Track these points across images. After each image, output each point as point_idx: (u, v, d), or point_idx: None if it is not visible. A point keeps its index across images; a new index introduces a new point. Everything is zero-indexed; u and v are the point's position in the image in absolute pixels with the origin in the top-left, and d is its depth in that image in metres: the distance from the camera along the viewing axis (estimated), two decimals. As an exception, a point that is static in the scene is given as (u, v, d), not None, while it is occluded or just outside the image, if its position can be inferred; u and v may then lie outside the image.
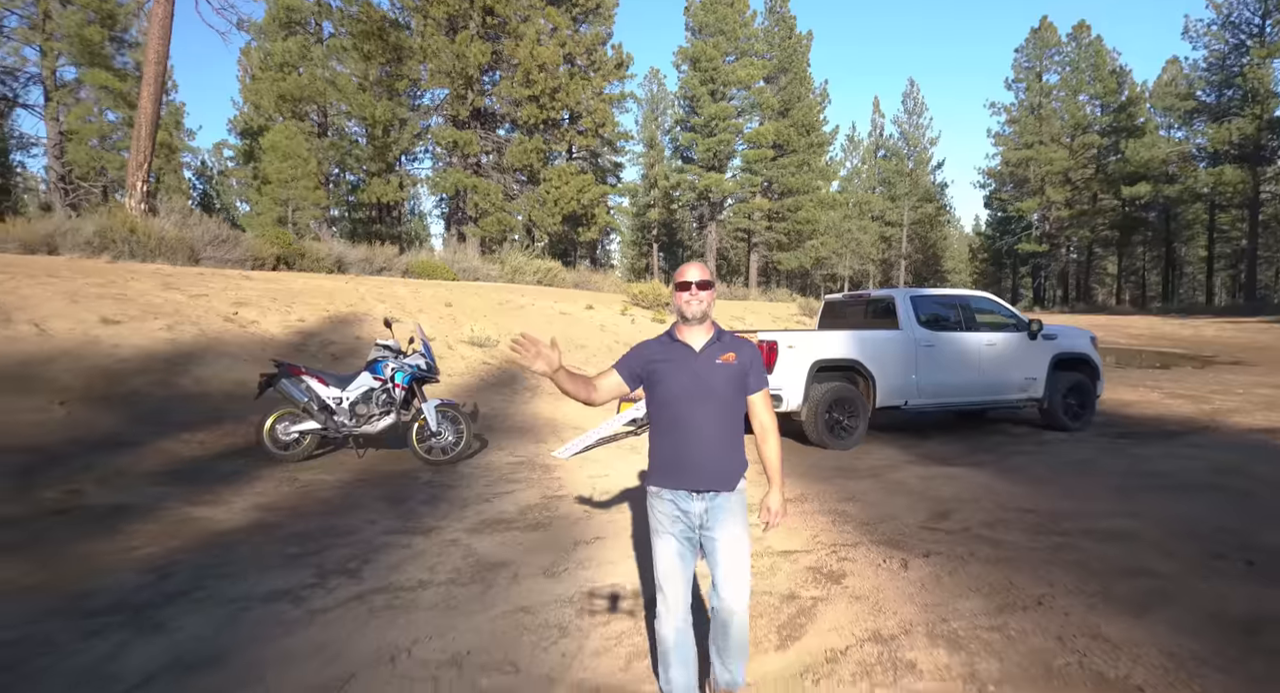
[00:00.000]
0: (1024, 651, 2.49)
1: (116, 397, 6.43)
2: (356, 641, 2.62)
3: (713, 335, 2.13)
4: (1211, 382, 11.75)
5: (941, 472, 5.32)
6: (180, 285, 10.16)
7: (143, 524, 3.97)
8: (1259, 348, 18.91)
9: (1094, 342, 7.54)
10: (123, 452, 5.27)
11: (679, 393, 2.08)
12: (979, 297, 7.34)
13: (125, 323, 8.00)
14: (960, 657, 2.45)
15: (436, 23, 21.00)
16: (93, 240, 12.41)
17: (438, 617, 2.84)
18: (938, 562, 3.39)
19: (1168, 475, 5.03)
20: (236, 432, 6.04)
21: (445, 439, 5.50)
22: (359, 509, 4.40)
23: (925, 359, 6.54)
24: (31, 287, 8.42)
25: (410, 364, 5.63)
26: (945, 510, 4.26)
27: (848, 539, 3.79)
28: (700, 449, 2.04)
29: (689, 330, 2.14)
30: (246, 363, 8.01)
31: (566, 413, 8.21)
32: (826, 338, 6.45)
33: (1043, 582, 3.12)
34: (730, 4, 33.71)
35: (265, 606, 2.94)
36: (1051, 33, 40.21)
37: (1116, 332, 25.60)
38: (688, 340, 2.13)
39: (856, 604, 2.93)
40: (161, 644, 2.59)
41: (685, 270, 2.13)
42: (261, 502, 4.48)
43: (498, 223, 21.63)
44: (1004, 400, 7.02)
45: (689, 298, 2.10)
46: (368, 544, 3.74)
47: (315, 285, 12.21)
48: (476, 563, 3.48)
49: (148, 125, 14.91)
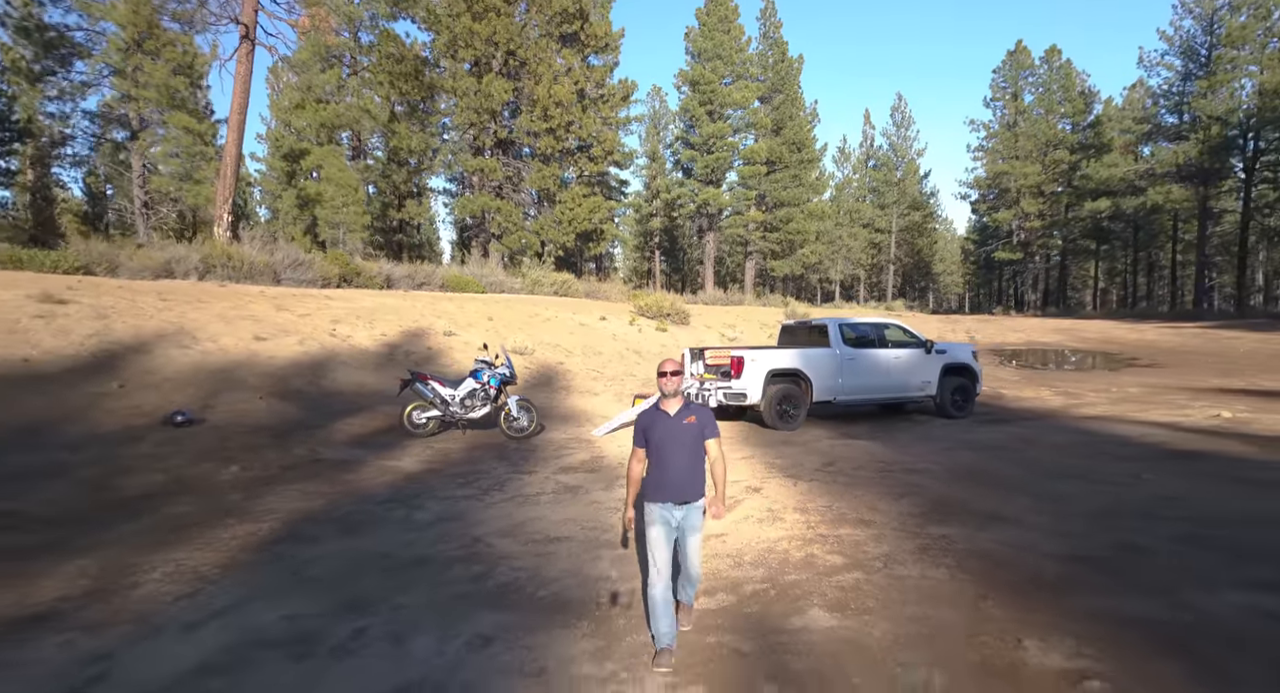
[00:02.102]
0: (836, 513, 5.32)
1: (288, 393, 9.27)
2: (516, 514, 5.45)
3: (682, 405, 3.22)
4: (1106, 382, 14.57)
5: (845, 442, 8.17)
6: (287, 307, 12.99)
7: (364, 468, 6.80)
8: (1182, 351, 21.70)
9: (974, 354, 10.36)
10: (317, 429, 8.10)
11: (661, 442, 3.15)
12: (891, 323, 10.18)
13: (270, 340, 10.84)
14: (806, 518, 5.27)
15: (464, 64, 23.80)
16: (198, 266, 15.24)
17: (553, 507, 5.66)
18: (813, 484, 6.22)
19: (980, 443, 7.88)
20: (377, 417, 8.87)
21: (521, 423, 8.34)
22: (483, 462, 7.23)
23: (848, 368, 9.38)
24: (192, 312, 11.24)
25: (499, 373, 8.46)
26: (833, 461, 7.10)
27: (770, 474, 6.62)
28: (675, 476, 3.12)
29: (667, 402, 3.22)
30: (357, 369, 10.86)
31: (594, 406, 11.03)
32: (778, 354, 9.27)
33: (864, 491, 5.95)
34: (726, 31, 36.44)
35: (465, 501, 5.78)
36: (1026, 56, 43.02)
37: (1072, 335, 28.36)
38: (667, 409, 3.22)
39: (765, 500, 5.75)
40: (428, 511, 5.43)
41: (663, 365, 3.22)
42: (422, 458, 7.32)
43: (518, 240, 24.42)
44: (907, 397, 9.87)
45: (666, 382, 3.19)
46: (499, 478, 6.57)
47: (382, 303, 15.01)
48: (563, 486, 6.30)
49: (231, 166, 17.73)
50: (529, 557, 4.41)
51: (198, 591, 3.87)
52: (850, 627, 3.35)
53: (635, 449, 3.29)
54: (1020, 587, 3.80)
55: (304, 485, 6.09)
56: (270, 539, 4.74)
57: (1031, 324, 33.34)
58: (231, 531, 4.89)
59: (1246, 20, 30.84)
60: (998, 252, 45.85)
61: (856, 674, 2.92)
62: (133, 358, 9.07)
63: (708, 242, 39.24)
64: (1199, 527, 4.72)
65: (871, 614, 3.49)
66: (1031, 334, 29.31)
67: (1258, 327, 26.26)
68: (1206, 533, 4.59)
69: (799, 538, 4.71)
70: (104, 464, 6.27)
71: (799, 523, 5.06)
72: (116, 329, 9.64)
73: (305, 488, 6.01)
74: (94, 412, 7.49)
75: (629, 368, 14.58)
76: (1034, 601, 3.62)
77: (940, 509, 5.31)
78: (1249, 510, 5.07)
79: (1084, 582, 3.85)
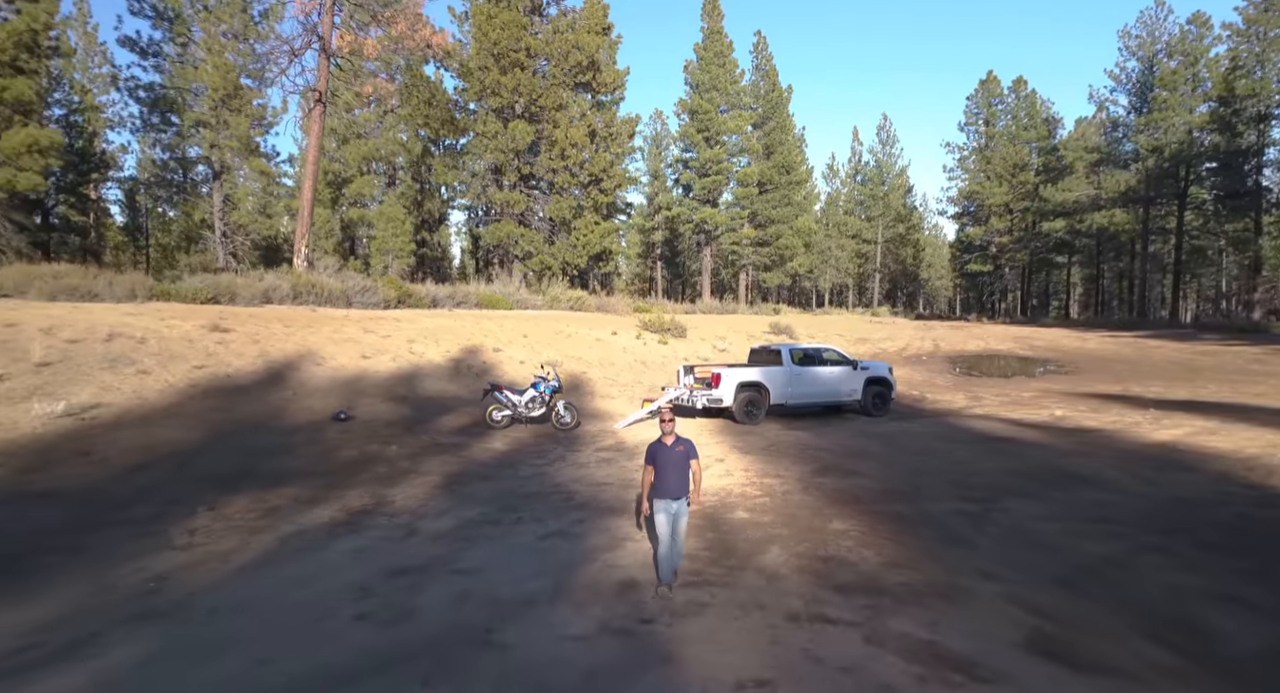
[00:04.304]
0: (763, 471, 9.04)
1: (396, 398, 13.00)
2: (576, 473, 9.18)
3: (675, 439, 5.18)
4: (1016, 387, 18.29)
5: (787, 432, 11.92)
6: (372, 329, 16.71)
7: (471, 449, 10.54)
8: (1106, 359, 25.38)
9: (890, 370, 14.09)
10: (428, 423, 11.83)
11: (663, 464, 5.08)
12: (828, 347, 13.92)
13: (372, 358, 14.58)
14: (747, 475, 8.98)
15: (491, 109, 27.54)
16: (289, 293, 18.99)
17: (597, 469, 9.39)
18: (756, 456, 9.95)
19: (875, 433, 11.61)
20: (463, 416, 12.58)
21: (567, 419, 12.06)
22: (545, 445, 10.97)
23: (795, 380, 13.12)
24: (310, 336, 14.97)
25: (551, 385, 12.20)
26: (774, 443, 10.85)
27: (731, 451, 10.35)
28: (670, 484, 5.04)
29: (666, 438, 5.20)
30: (437, 380, 14.59)
31: (613, 407, 14.75)
32: (746, 370, 13.01)
33: (785, 460, 9.67)
34: (722, 65, 40.15)
35: (544, 466, 9.52)
36: (996, 85, 46.77)
37: (1024, 343, 31.99)
38: (665, 441, 5.18)
39: (725, 465, 9.47)
40: (525, 470, 9.19)
41: (663, 412, 5.39)
42: (506, 442, 11.05)
43: (539, 262, 28.19)
44: (840, 402, 13.63)
45: (664, 425, 5.27)
46: (559, 454, 10.30)
47: (440, 324, 18.74)
48: (601, 459, 10.03)
49: (307, 207, 21.46)
50: (589, 491, 8.15)
51: (425, 505, 7.60)
52: (754, 517, 7.09)
53: (646, 466, 5.23)
54: (846, 503, 7.54)
55: (442, 457, 9.84)
56: (443, 484, 8.49)
57: (995, 332, 37.00)
58: (420, 479, 8.64)
59: (1177, 67, 34.58)
60: (970, 264, 49.72)
61: (751, 530, 6.66)
62: (288, 373, 12.81)
63: (704, 255, 42.98)
64: (958, 476, 8.46)
65: (766, 513, 7.22)
66: (990, 342, 32.97)
67: (1183, 337, 29.99)
68: (957, 478, 8.34)
69: (739, 483, 8.46)
70: (316, 444, 10.02)
71: (741, 477, 8.82)
72: (270, 351, 13.38)
73: (444, 458, 9.76)
74: (286, 411, 11.24)
75: (637, 376, 18.32)
76: (848, 508, 7.35)
77: (825, 470, 9.06)
78: (990, 468, 8.81)
79: (878, 500, 7.59)
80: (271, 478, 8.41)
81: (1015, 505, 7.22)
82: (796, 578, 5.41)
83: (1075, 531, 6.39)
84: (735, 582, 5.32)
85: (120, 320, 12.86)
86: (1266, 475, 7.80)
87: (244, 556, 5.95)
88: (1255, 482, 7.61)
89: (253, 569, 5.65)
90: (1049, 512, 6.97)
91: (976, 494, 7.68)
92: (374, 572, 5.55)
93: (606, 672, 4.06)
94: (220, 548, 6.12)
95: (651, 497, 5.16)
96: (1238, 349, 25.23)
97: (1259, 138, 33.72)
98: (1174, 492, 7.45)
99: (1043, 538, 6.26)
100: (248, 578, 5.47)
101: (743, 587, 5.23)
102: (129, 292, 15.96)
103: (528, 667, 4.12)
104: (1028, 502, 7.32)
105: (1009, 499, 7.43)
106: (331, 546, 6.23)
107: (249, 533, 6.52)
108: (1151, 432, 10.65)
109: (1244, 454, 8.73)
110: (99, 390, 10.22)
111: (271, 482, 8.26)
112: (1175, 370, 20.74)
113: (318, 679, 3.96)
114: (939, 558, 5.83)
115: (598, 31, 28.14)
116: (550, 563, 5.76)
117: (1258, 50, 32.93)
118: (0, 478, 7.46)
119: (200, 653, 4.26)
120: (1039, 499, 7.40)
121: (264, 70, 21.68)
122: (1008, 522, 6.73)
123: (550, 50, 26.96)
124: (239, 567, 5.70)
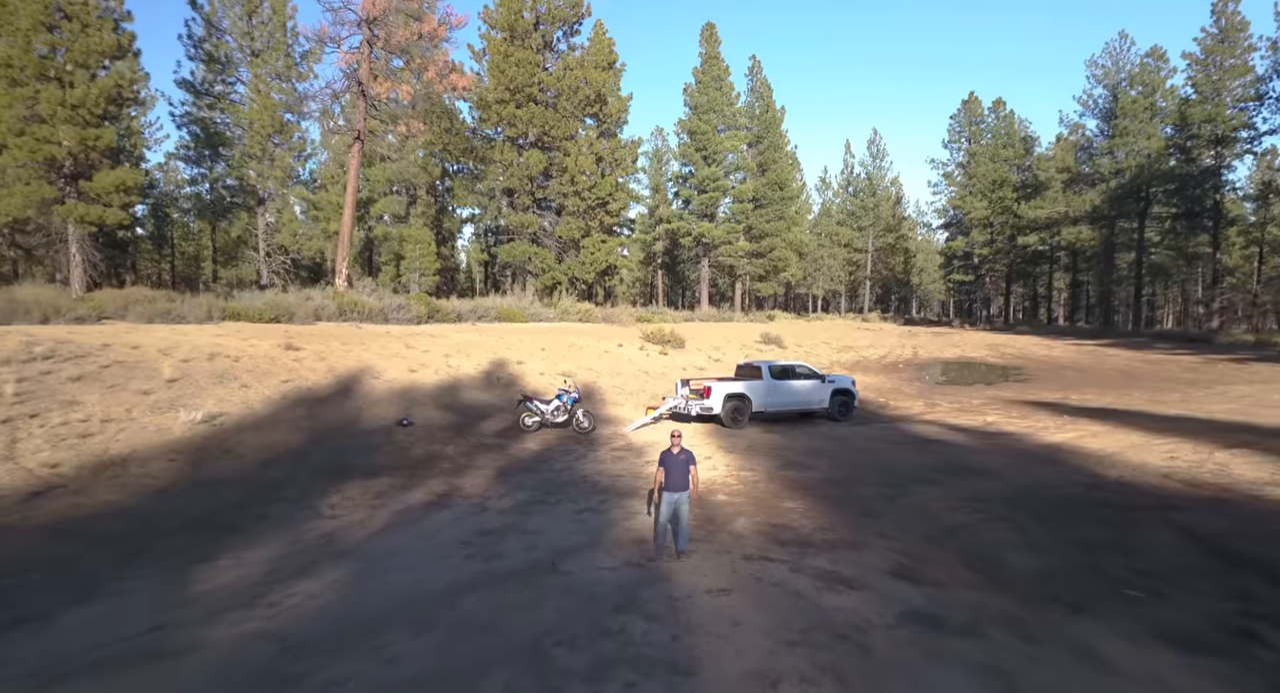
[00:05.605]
0: (741, 466, 11.73)
1: (443, 406, 15.68)
2: (596, 467, 11.87)
3: (680, 450, 7.22)
4: (971, 394, 20.98)
5: (766, 435, 14.61)
6: (413, 345, 19.41)
7: (511, 448, 13.23)
8: (1064, 367, 28.07)
9: (853, 383, 16.78)
10: (473, 427, 14.52)
11: (670, 467, 7.13)
12: (801, 364, 16.61)
13: (418, 372, 17.27)
14: (729, 469, 11.68)
15: (508, 139, 30.23)
16: (335, 312, 21.69)
17: (613, 464, 12.08)
18: (737, 454, 12.65)
19: (835, 436, 14.30)
20: (500, 421, 15.25)
21: (585, 425, 14.76)
22: (569, 446, 13.66)
23: (773, 391, 15.82)
24: (364, 352, 17.66)
25: (572, 395, 14.90)
26: (753, 444, 13.55)
27: (717, 450, 13.05)
28: (675, 481, 7.08)
29: (674, 449, 7.22)
30: (473, 390, 17.28)
31: (622, 413, 17.43)
32: (732, 383, 15.70)
33: (760, 457, 12.36)
34: (719, 88, 42.80)
35: (571, 462, 12.23)
36: (977, 105, 49.50)
37: (997, 351, 34.73)
38: (673, 451, 7.20)
39: (712, 462, 12.16)
40: (557, 465, 11.90)
41: (674, 433, 7.41)
42: (538, 443, 13.73)
43: (551, 278, 30.89)
44: (810, 409, 16.33)
45: (673, 443, 7.31)
46: (581, 453, 13.00)
47: (468, 339, 21.43)
48: (615, 457, 12.73)
49: (347, 233, 24.13)
50: (608, 481, 10.84)
51: (488, 490, 10.30)
52: (731, 499, 9.78)
53: (658, 468, 7.27)
54: (798, 488, 10.23)
55: (490, 455, 12.54)
56: (496, 475, 11.18)
57: (973, 339, 39.73)
58: (478, 472, 11.34)
59: (1137, 96, 37.33)
60: (954, 274, 52.54)
61: (727, 508, 9.36)
62: (354, 386, 15.51)
63: (702, 266, 45.67)
64: (886, 469, 11.16)
65: (740, 496, 9.91)
66: (966, 349, 35.71)
67: (1138, 346, 32.71)
68: (885, 471, 11.04)
69: (722, 476, 11.15)
70: (392, 445, 12.72)
71: (724, 471, 11.52)
72: (336, 367, 16.07)
73: (492, 456, 12.46)
74: (360, 418, 13.94)
75: (642, 385, 21.02)
76: (799, 492, 10.04)
77: (789, 465, 11.77)
78: (913, 463, 11.51)
79: (822, 487, 10.28)
80: (368, 471, 11.11)
81: (920, 490, 9.92)
82: (754, 537, 8.11)
83: (954, 507, 9.09)
84: (712, 539, 8.02)
85: (213, 341, 15.57)
86: (1107, 467, 10.49)
87: (375, 523, 8.65)
88: (1096, 472, 10.30)
89: (385, 531, 8.35)
90: (941, 495, 9.66)
91: (895, 482, 10.38)
92: (468, 531, 8.25)
93: (629, 585, 6.75)
94: (356, 518, 8.82)
95: (661, 490, 7.49)
96: (1180, 358, 27.92)
97: (1216, 160, 36.43)
98: (1036, 479, 10.15)
99: (930, 512, 8.96)
100: (386, 535, 8.17)
101: (717, 542, 7.92)
102: (206, 313, 18.69)
103: (580, 583, 6.80)
104: (930, 487, 10.02)
105: (917, 486, 10.14)
106: (432, 515, 8.93)
107: (370, 509, 9.23)
108: (1051, 435, 13.34)
109: (1104, 452, 11.42)
110: (217, 402, 12.92)
111: (369, 474, 10.97)
112: (1116, 378, 23.44)
113: (457, 586, 6.66)
114: (854, 525, 8.52)
115: (604, 67, 30.81)
116: (587, 527, 8.47)
117: (1215, 78, 35.61)
118: (180, 469, 10.16)
119: (381, 574, 6.96)
120: (939, 486, 10.10)
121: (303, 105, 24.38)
122: (910, 501, 9.43)
123: (561, 85, 29.63)
124: (375, 530, 8.40)
